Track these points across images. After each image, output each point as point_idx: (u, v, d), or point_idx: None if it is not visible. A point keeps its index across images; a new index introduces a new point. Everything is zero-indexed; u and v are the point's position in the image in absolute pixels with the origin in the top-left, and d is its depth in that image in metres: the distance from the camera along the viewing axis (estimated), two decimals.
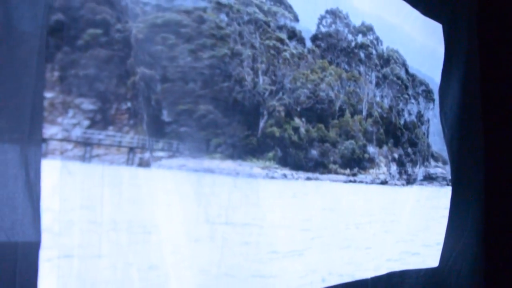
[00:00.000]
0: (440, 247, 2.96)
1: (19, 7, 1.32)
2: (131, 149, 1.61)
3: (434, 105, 3.16)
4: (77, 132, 1.46)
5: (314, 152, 2.29)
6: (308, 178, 2.25)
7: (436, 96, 3.15)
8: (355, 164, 2.50)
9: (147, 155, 1.64)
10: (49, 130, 1.39)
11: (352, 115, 2.52)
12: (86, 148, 1.49)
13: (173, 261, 1.65)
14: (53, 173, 1.37)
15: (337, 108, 2.45)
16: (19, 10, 1.32)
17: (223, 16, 1.97)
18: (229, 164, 1.90)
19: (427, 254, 2.90)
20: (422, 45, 3.06)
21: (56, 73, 1.41)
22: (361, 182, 2.54)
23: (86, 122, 1.48)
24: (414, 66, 3.02)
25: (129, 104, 1.58)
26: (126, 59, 1.58)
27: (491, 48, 3.31)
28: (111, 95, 1.54)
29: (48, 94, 1.39)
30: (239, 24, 2.04)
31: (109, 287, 1.47)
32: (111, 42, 1.54)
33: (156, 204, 1.63)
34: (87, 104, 1.48)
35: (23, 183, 1.31)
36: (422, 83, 3.09)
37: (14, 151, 1.30)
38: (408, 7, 2.87)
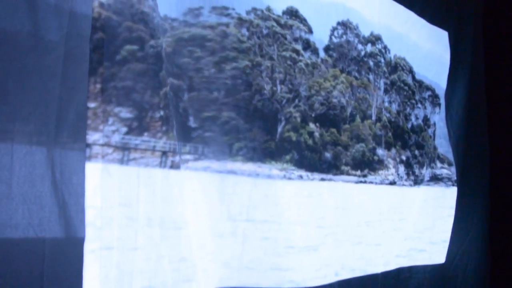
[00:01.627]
0: (446, 244, 2.96)
1: (46, 18, 1.36)
2: (164, 153, 1.64)
3: (440, 109, 3.12)
4: (116, 138, 1.52)
5: (328, 155, 2.30)
6: (322, 179, 2.27)
7: (442, 101, 3.12)
8: (366, 165, 2.50)
9: (177, 158, 1.68)
10: (92, 136, 1.45)
11: (362, 120, 2.51)
12: (124, 152, 1.55)
13: (199, 255, 1.70)
14: (96, 174, 1.44)
15: (348, 113, 2.45)
16: (46, 21, 1.36)
17: (244, 31, 1.99)
18: (249, 166, 1.94)
19: (433, 251, 2.91)
20: (428, 52, 3.02)
21: (98, 85, 1.46)
22: (371, 182, 2.54)
23: (124, 129, 1.54)
24: (421, 72, 2.96)
25: (162, 113, 1.63)
26: (158, 72, 1.62)
27: (496, 53, 3.30)
28: (146, 105, 1.59)
29: (91, 104, 1.44)
30: (258, 38, 2.05)
31: (144, 276, 1.54)
32: (146, 56, 1.58)
33: (185, 202, 1.68)
34: (125, 113, 1.54)
35: (50, 183, 1.35)
36: (428, 88, 3.05)
37: (41, 153, 1.34)
38: (414, 16, 2.86)
